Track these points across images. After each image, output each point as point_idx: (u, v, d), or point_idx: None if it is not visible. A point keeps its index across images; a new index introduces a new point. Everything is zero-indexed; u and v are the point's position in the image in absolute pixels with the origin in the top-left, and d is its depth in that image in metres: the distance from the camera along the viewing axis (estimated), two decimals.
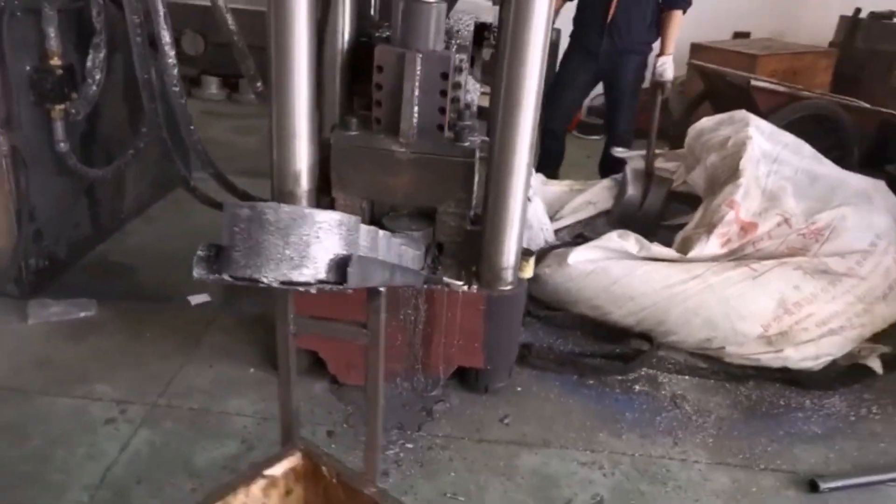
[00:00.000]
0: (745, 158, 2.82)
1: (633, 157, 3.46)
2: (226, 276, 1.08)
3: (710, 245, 2.66)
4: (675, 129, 4.14)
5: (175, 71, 2.51)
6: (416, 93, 2.09)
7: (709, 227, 2.70)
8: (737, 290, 2.54)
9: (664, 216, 3.34)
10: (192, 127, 2.62)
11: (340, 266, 1.10)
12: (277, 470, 1.39)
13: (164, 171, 3.10)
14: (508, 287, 2.24)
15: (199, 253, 1.10)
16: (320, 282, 1.09)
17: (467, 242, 2.31)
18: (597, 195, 3.38)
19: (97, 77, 2.65)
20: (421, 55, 2.04)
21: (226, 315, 2.72)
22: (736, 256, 2.71)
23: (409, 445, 2.14)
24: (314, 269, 1.08)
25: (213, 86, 5.64)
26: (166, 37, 2.45)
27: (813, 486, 2.07)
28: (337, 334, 1.66)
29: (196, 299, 2.79)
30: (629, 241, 2.68)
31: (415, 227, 2.28)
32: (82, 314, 2.63)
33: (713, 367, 2.61)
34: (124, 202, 3.33)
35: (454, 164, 2.19)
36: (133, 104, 2.92)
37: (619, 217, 3.28)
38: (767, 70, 4.64)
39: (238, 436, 2.13)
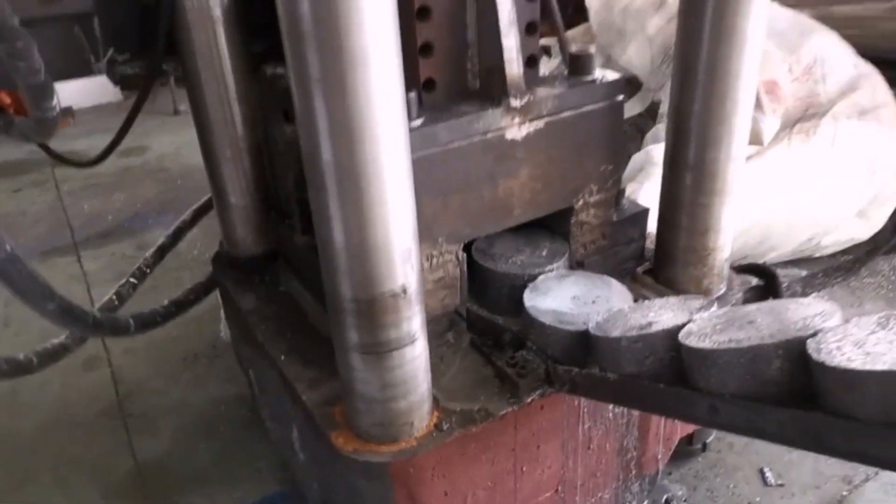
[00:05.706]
0: None
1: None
2: None
3: (772, 122, 2.03)
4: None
5: None
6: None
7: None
8: (828, 168, 1.99)
9: None
10: None
11: None
12: None
13: None
14: (721, 292, 1.35)
15: None
16: None
17: (613, 241, 1.35)
18: None
19: None
20: None
21: None
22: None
23: None
24: None
25: None
26: None
27: None
28: None
29: None
30: None
31: (545, 257, 1.24)
32: None
33: (819, 269, 2.08)
34: None
35: (597, 117, 1.20)
36: None
37: None
38: None
39: None
